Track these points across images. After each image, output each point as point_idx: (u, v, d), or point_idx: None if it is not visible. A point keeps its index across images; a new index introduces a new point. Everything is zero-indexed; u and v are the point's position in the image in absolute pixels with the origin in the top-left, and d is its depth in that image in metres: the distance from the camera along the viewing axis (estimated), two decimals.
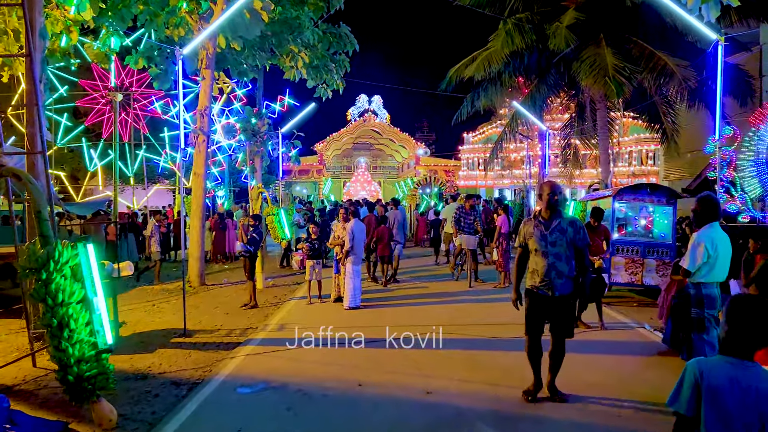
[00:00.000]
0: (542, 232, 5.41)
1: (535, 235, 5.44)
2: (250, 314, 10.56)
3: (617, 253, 10.27)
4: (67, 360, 5.13)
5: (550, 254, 5.35)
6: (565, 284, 5.36)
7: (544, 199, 5.44)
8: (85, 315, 5.26)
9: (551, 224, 5.39)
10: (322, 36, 18.21)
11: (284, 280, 14.85)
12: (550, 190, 5.40)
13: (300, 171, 44.43)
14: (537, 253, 5.43)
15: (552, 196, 5.39)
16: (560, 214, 5.46)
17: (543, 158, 20.27)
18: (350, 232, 10.68)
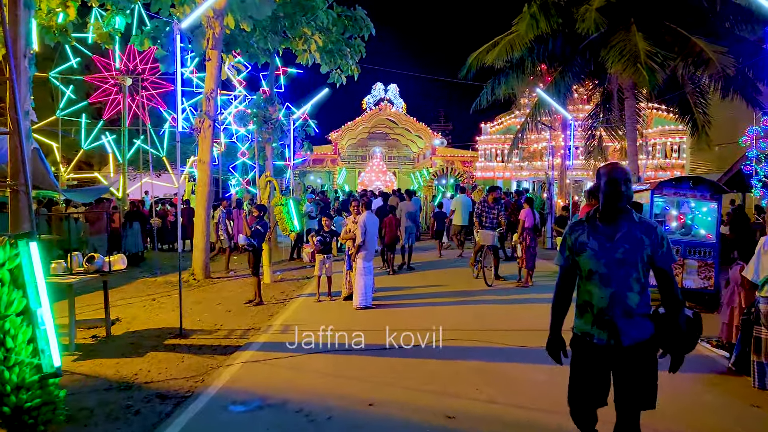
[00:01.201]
0: (602, 243, 3.41)
1: (590, 248, 3.44)
2: (253, 312, 9.82)
3: None
4: (2, 387, 4.24)
5: (615, 278, 3.35)
6: (638, 326, 3.36)
7: (605, 192, 3.41)
8: (27, 331, 4.38)
9: (616, 231, 3.40)
10: (337, 19, 17.36)
11: (293, 273, 14.12)
12: (614, 178, 3.37)
13: (314, 160, 43.62)
14: (592, 277, 3.44)
15: (616, 186, 3.35)
16: (630, 215, 3.43)
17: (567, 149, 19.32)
18: (362, 225, 9.90)
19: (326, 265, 10.74)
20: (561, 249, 3.66)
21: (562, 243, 3.64)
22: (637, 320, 3.37)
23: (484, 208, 12.49)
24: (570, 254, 3.58)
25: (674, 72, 17.32)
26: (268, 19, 16.12)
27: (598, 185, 3.45)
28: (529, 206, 12.22)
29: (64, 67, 22.04)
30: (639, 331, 3.37)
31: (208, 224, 13.20)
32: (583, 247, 3.49)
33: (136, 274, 14.25)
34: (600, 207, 3.50)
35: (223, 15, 12.81)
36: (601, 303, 3.39)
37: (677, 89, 19.01)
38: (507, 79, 19.30)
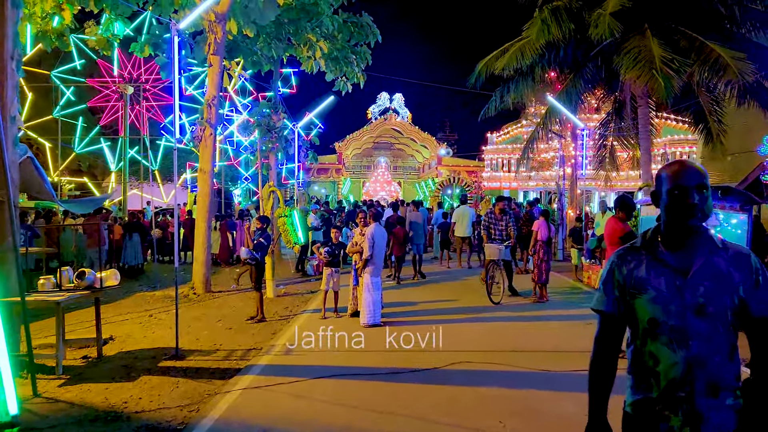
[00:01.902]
0: (670, 280, 2.26)
1: (653, 287, 2.28)
2: (255, 330, 9.30)
3: None
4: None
5: (693, 335, 2.21)
6: (725, 409, 2.22)
7: (669, 204, 2.28)
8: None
9: (690, 262, 2.27)
10: (342, 25, 16.96)
11: (297, 287, 13.60)
12: (683, 184, 2.24)
13: (318, 170, 43.26)
14: (658, 332, 2.26)
15: (687, 195, 2.23)
16: (708, 237, 2.32)
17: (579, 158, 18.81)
18: (370, 238, 9.38)
19: (334, 278, 10.22)
20: (604, 287, 2.40)
21: (606, 277, 2.40)
22: (725, 399, 2.21)
23: (491, 220, 11.83)
24: (621, 295, 2.34)
25: (689, 79, 16.84)
26: (272, 25, 15.73)
27: (658, 192, 2.34)
28: (544, 218, 11.66)
29: (67, 67, 21.66)
30: (726, 416, 2.21)
31: (209, 236, 12.70)
32: (641, 286, 2.29)
33: (135, 287, 13.76)
34: (662, 226, 2.34)
35: (225, 19, 12.39)
36: (673, 372, 2.21)
37: (690, 97, 18.53)
38: (517, 87, 18.82)
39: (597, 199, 33.13)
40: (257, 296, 10.02)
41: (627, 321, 2.36)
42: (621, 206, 7.28)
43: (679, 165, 2.32)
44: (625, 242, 7.11)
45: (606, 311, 2.38)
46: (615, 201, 7.53)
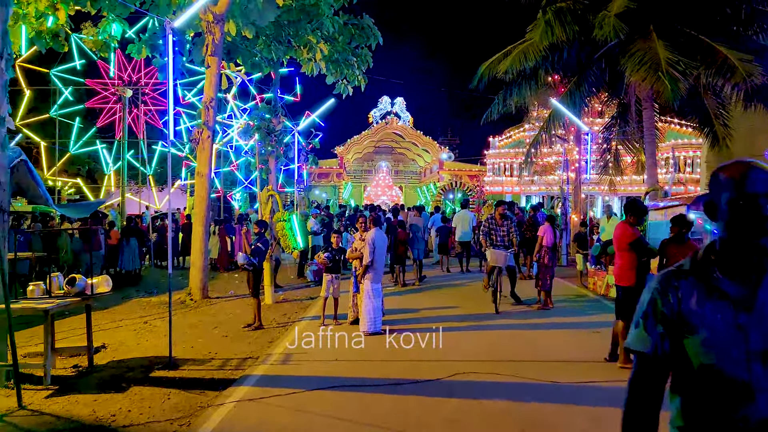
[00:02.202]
0: (729, 315, 1.68)
1: (708, 325, 1.70)
2: (252, 338, 9.03)
3: None
4: None
5: (762, 389, 1.64)
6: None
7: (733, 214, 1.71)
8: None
9: (758, 293, 1.69)
10: (343, 27, 16.74)
11: (296, 293, 13.33)
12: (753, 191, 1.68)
13: (319, 174, 43.05)
14: (714, 381, 1.68)
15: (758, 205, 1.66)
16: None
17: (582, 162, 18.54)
18: (370, 243, 9.10)
19: (334, 285, 9.96)
20: (644, 321, 1.84)
21: (647, 309, 1.85)
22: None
23: (491, 225, 11.36)
24: (666, 332, 1.78)
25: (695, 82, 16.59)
26: (272, 27, 15.50)
27: (714, 202, 1.79)
28: (549, 223, 11.38)
29: (67, 66, 21.43)
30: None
31: (207, 241, 12.45)
32: (691, 322, 1.73)
33: (132, 293, 13.51)
34: (719, 244, 1.78)
35: (223, 20, 12.17)
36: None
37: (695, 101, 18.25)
38: (519, 90, 18.54)
39: (600, 204, 32.89)
40: (254, 303, 9.76)
41: (673, 364, 1.79)
42: (632, 210, 7.01)
43: (745, 166, 1.72)
44: (634, 248, 6.84)
45: (646, 352, 1.79)
46: (625, 205, 7.26)
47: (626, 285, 6.92)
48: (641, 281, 6.95)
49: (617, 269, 7.03)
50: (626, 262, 6.91)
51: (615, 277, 7.10)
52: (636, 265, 6.87)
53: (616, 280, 7.05)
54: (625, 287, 6.94)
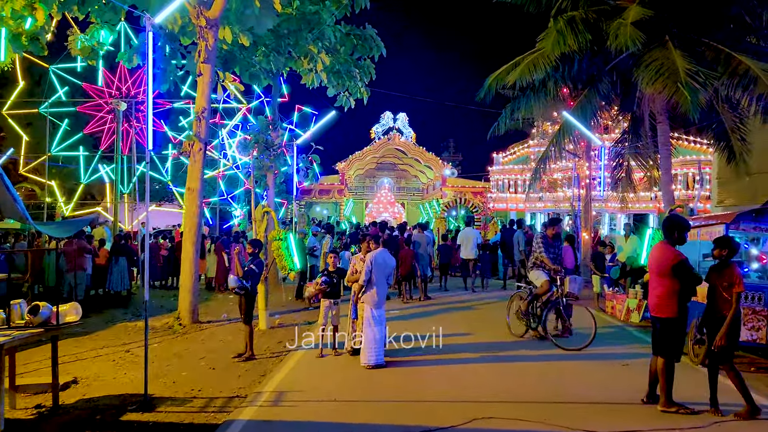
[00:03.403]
0: None
1: None
2: (242, 370, 8.15)
3: None
4: None
5: None
6: None
7: None
8: None
9: None
10: (345, 37, 16.07)
11: (293, 317, 12.44)
12: None
13: (320, 191, 42.24)
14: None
15: None
16: None
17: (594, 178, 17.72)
18: (368, 263, 8.23)
19: (332, 311, 9.08)
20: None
21: None
22: None
23: (545, 244, 9.80)
24: None
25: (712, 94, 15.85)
26: (271, 36, 14.82)
27: None
28: (569, 243, 10.51)
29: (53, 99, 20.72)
30: None
31: (197, 261, 11.59)
32: None
33: (119, 316, 12.65)
34: None
35: (217, 25, 11.42)
36: None
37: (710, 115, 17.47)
38: (528, 103, 17.78)
39: (607, 221, 32.08)
40: (246, 331, 8.88)
41: None
42: (677, 227, 6.11)
43: None
44: (677, 274, 5.97)
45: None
46: (665, 221, 6.35)
47: (667, 316, 6.01)
48: (683, 311, 6.06)
49: (656, 298, 6.09)
50: (667, 290, 5.99)
51: (653, 307, 6.16)
52: (678, 293, 5.97)
53: (655, 311, 6.13)
54: (665, 319, 6.03)
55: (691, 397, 6.34)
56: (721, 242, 6.27)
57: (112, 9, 12.43)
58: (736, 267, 6.08)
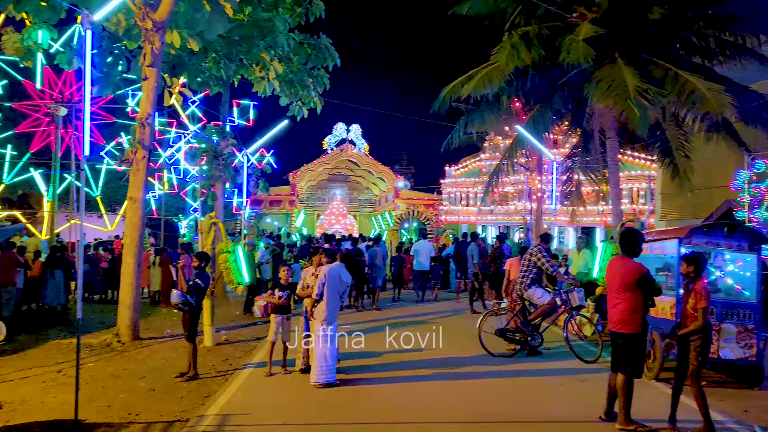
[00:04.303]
0: None
1: None
2: (185, 391, 7.66)
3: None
4: None
5: None
6: None
7: None
8: None
9: None
10: (299, 46, 15.74)
11: (242, 332, 11.95)
12: None
13: (271, 202, 41.60)
14: None
15: None
16: None
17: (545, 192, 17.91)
18: (322, 277, 7.89)
19: (283, 327, 8.69)
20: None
21: None
22: None
23: (547, 259, 9.80)
24: None
25: (660, 111, 16.26)
26: (222, 42, 14.38)
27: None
28: (521, 256, 10.45)
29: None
30: None
31: (138, 274, 11.00)
32: None
33: (52, 334, 11.86)
34: None
35: (164, 28, 10.94)
36: None
37: (654, 132, 17.93)
38: (482, 116, 17.94)
39: (556, 235, 32.58)
40: (190, 348, 8.38)
41: None
42: (636, 241, 6.04)
43: None
44: (641, 286, 5.88)
45: None
46: (623, 235, 6.26)
47: (630, 332, 5.90)
48: (645, 327, 5.97)
49: (618, 313, 5.96)
50: (630, 305, 5.87)
51: (614, 323, 6.03)
52: (643, 308, 5.88)
53: (617, 326, 6.00)
54: (628, 335, 5.92)
55: (649, 414, 6.26)
56: (688, 259, 6.23)
57: (50, 8, 11.77)
58: (701, 283, 6.04)
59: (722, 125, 16.01)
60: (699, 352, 5.97)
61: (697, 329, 5.96)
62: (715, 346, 7.67)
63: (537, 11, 16.24)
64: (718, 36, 15.51)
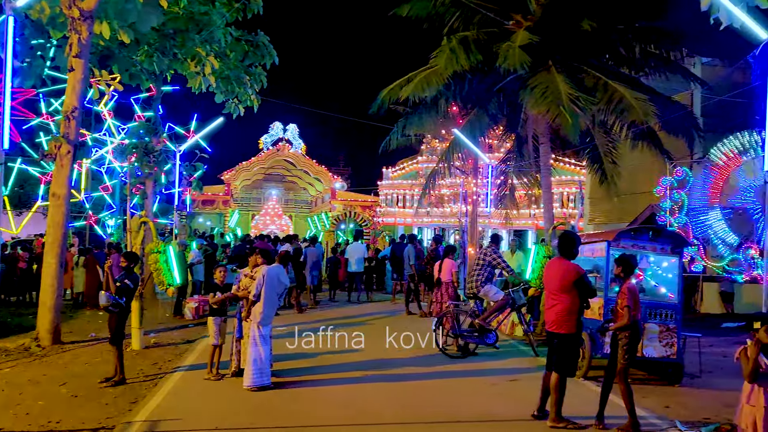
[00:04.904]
0: None
1: None
2: (111, 397, 7.31)
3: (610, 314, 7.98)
4: None
5: None
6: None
7: None
8: None
9: None
10: (236, 43, 15.41)
11: (172, 335, 11.57)
12: None
13: (204, 201, 40.57)
14: None
15: None
16: None
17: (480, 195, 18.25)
18: (260, 280, 7.72)
19: (221, 329, 8.44)
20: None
21: None
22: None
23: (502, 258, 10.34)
24: None
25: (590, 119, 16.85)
26: (155, 35, 13.89)
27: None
28: (446, 256, 10.61)
29: None
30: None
31: (61, 275, 10.46)
32: None
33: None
34: None
35: (92, 17, 10.46)
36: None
37: (585, 138, 18.60)
38: (420, 119, 18.04)
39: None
40: (115, 352, 8.02)
41: None
42: (573, 243, 6.23)
43: None
44: (579, 287, 6.04)
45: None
46: (561, 238, 6.44)
47: (566, 332, 6.06)
48: (580, 327, 6.15)
49: (555, 314, 6.11)
50: (567, 306, 6.03)
51: (551, 324, 6.18)
52: (579, 309, 6.05)
53: (553, 327, 6.14)
54: (564, 335, 6.07)
55: (578, 412, 6.42)
56: (618, 261, 6.46)
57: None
58: (628, 284, 6.25)
59: (647, 134, 16.68)
60: (626, 350, 6.19)
61: (623, 327, 6.17)
62: (640, 344, 7.96)
63: (475, 17, 16.51)
64: (644, 49, 16.19)
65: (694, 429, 6.15)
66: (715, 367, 9.17)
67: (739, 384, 6.28)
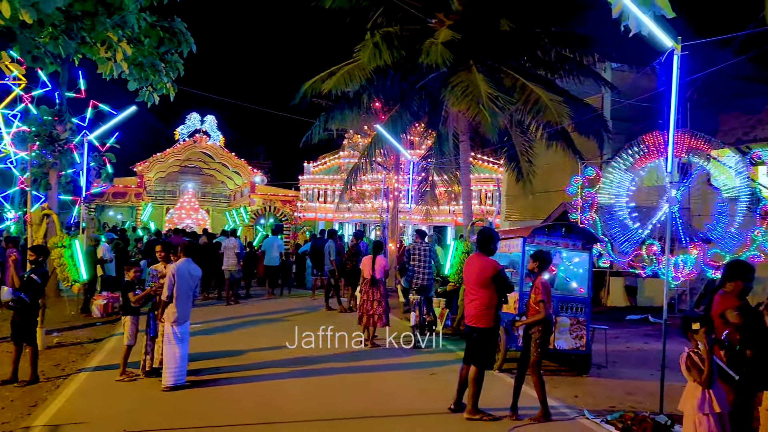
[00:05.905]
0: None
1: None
2: (7, 401, 6.83)
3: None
4: None
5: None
6: None
7: None
8: None
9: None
10: (150, 29, 14.70)
11: (77, 334, 10.92)
12: None
13: (115, 193, 38.69)
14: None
15: None
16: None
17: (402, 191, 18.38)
18: (170, 277, 7.40)
19: (137, 328, 8.04)
20: None
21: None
22: None
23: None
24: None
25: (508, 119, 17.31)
26: (61, 16, 13.05)
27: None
28: (376, 253, 10.62)
29: None
30: None
31: None
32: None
33: None
34: None
35: None
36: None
37: (503, 137, 19.14)
38: (342, 114, 17.97)
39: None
40: (29, 352, 7.53)
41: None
42: (492, 240, 6.37)
43: None
44: (496, 282, 6.17)
45: None
46: (480, 234, 6.58)
47: (484, 326, 6.18)
48: (498, 321, 6.29)
49: (474, 309, 6.23)
50: (486, 301, 6.16)
51: (470, 318, 6.29)
52: (497, 304, 6.19)
53: (472, 321, 6.26)
54: (482, 329, 6.20)
55: (493, 404, 6.57)
56: (534, 256, 6.65)
57: None
58: (540, 278, 6.45)
59: (561, 134, 17.34)
60: (539, 344, 6.40)
61: (537, 321, 6.38)
62: (552, 337, 8.26)
63: (398, 13, 16.61)
64: (559, 52, 16.82)
65: (600, 417, 6.42)
66: (620, 358, 9.69)
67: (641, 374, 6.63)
